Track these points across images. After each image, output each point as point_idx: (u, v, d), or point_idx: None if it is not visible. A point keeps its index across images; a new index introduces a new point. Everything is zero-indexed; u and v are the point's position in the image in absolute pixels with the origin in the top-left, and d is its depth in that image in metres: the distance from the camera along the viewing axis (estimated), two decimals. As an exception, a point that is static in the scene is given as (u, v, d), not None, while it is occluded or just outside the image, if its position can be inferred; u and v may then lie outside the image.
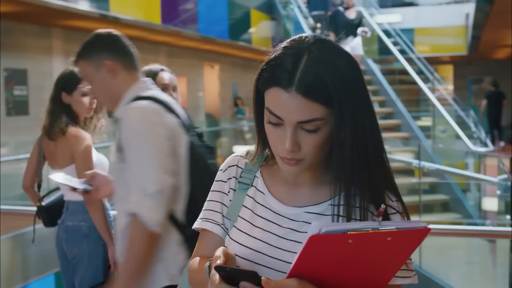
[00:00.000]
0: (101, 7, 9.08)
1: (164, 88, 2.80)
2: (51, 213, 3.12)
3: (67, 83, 3.03)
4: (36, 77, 9.56)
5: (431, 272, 5.55)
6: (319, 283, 1.02)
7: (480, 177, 7.57)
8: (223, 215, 1.29)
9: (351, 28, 9.40)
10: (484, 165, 8.56)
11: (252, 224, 1.23)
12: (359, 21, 9.59)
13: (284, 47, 1.15)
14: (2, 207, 4.58)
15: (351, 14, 9.52)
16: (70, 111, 3.02)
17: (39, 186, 3.15)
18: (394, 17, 16.97)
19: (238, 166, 1.31)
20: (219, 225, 1.29)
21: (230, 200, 1.29)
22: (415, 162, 6.86)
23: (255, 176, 1.28)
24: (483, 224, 6.84)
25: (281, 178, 1.26)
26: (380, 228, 0.95)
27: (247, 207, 1.26)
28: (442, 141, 10.61)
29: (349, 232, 0.93)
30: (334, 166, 1.16)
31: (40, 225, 3.23)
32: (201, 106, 15.88)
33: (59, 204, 3.11)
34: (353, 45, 9.38)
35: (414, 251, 1.09)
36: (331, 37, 9.31)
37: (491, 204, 7.01)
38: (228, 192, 1.30)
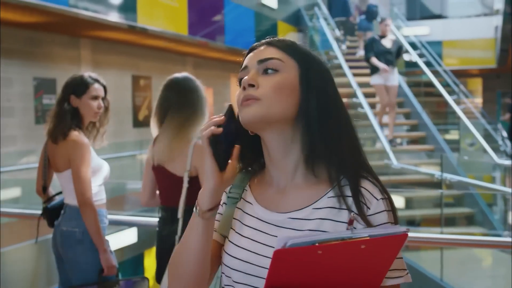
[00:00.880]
0: (129, 18, 9.22)
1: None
2: (53, 215, 3.17)
3: (77, 86, 3.08)
4: (65, 87, 9.73)
5: (453, 286, 5.51)
6: None
7: (503, 189, 7.47)
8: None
9: (389, 56, 8.89)
10: (510, 178, 8.45)
11: (241, 235, 1.23)
12: (397, 50, 9.05)
13: None
14: (28, 211, 4.65)
15: (387, 43, 8.97)
16: (76, 115, 3.05)
17: (44, 189, 3.20)
18: (422, 30, 16.89)
19: None
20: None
21: (221, 214, 1.30)
22: (437, 174, 6.80)
23: (244, 189, 1.30)
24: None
25: (268, 184, 1.26)
26: (352, 237, 0.93)
27: (236, 219, 1.27)
28: (469, 154, 10.50)
29: (317, 244, 0.91)
30: (300, 125, 1.19)
31: None
32: (227, 117, 15.94)
33: (60, 207, 3.17)
34: (390, 77, 8.93)
35: (435, 264, 1.09)
36: (374, 61, 8.85)
37: (515, 217, 6.93)
38: (221, 205, 1.31)
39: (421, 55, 12.39)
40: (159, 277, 2.92)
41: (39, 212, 3.27)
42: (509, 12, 10.94)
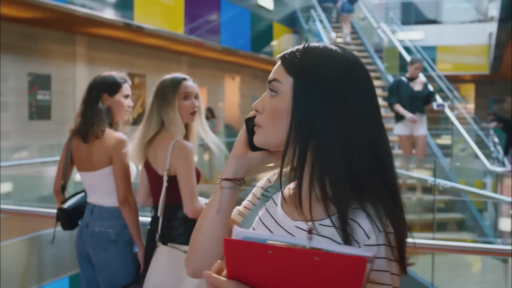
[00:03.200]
0: (125, 16, 9.21)
1: (186, 96, 2.86)
2: (71, 216, 3.14)
3: (110, 85, 3.08)
4: (60, 83, 9.72)
5: (443, 290, 5.54)
6: None
7: (494, 196, 7.50)
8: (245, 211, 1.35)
9: (417, 102, 7.62)
10: (501, 185, 8.50)
11: (254, 229, 1.25)
12: (427, 94, 7.74)
13: None
14: (21, 208, 4.65)
15: (416, 86, 7.71)
16: (108, 114, 3.06)
17: (63, 189, 3.16)
18: (416, 34, 16.96)
19: (268, 180, 1.35)
20: (240, 215, 1.34)
21: (254, 205, 1.33)
22: (430, 179, 6.83)
23: (278, 190, 1.29)
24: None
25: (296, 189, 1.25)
26: (306, 246, 0.88)
27: (258, 215, 1.28)
28: (460, 160, 10.55)
29: (267, 242, 0.88)
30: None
31: (58, 228, 3.26)
32: (221, 116, 15.97)
33: (80, 207, 3.14)
34: (418, 126, 7.70)
35: (426, 268, 1.05)
36: (399, 109, 7.65)
37: (506, 224, 6.96)
38: (258, 198, 1.34)
39: (415, 60, 12.41)
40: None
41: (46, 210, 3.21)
42: (503, 19, 11.00)
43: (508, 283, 5.65)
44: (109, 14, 8.86)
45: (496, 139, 13.73)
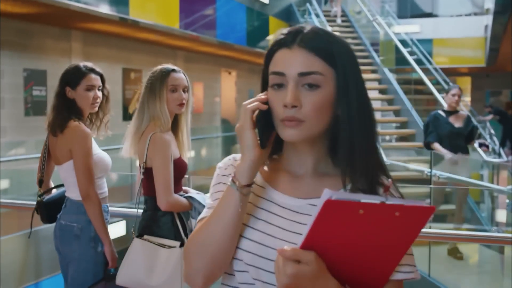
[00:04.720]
0: (121, 11, 9.19)
1: (174, 88, 2.84)
2: (49, 209, 3.09)
3: (71, 78, 3.02)
4: (55, 78, 9.61)
5: (440, 281, 5.56)
6: (329, 259, 1.01)
7: (489, 186, 7.53)
8: None
9: (458, 140, 6.45)
10: (498, 176, 8.52)
11: (255, 217, 1.21)
12: (471, 131, 6.52)
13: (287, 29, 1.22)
14: (17, 202, 4.64)
15: (457, 121, 6.49)
16: (74, 106, 3.00)
17: (41, 182, 3.13)
18: (412, 28, 16.95)
19: (233, 166, 1.30)
20: None
21: None
22: (426, 170, 6.84)
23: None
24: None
25: (284, 170, 1.25)
26: (387, 202, 0.94)
27: (250, 202, 1.23)
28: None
29: (361, 201, 0.93)
30: (340, 141, 1.17)
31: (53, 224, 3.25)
32: (217, 111, 15.96)
33: (59, 200, 3.10)
34: (460, 169, 6.74)
35: (422, 260, 1.09)
36: (438, 147, 6.48)
37: (502, 215, 6.98)
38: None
39: (411, 53, 12.44)
40: None
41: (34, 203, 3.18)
42: (499, 12, 11.01)
43: (504, 273, 5.68)
44: (104, 8, 8.84)
45: (492, 131, 13.76)
